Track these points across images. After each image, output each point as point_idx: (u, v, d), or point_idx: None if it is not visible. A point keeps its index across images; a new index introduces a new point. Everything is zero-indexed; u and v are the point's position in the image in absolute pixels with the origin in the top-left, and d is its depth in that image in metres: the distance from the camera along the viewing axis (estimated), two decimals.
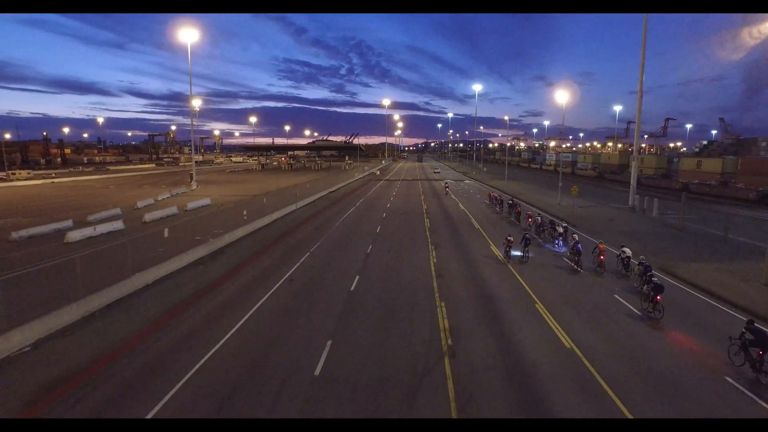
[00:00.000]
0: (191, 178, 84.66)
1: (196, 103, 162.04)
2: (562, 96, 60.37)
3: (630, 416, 10.65)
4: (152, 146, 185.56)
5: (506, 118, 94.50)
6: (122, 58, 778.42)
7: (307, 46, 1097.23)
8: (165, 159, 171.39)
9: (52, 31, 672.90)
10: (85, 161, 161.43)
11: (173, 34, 65.23)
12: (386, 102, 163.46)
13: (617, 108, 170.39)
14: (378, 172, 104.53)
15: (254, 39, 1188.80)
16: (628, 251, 22.49)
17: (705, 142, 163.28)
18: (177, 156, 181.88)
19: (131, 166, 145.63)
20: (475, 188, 72.07)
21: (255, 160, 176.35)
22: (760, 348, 12.37)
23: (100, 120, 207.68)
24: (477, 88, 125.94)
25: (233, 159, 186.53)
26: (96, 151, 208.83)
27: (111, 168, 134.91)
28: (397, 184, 78.43)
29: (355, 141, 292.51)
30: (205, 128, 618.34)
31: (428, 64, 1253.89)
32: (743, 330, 12.93)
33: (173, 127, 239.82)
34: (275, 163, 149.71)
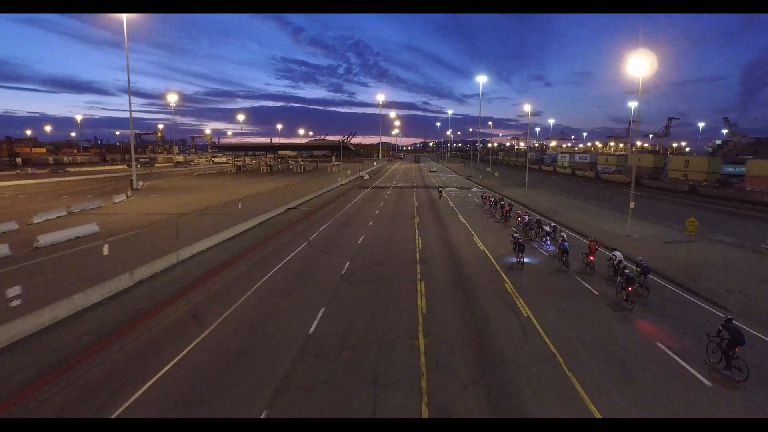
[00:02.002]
0: (131, 185, 66.07)
1: (172, 98, 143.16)
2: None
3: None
4: (124, 146, 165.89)
5: (528, 108, 71.59)
6: (119, 57, 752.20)
7: (305, 46, 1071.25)
8: (140, 159, 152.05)
9: (48, 29, 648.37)
10: (51, 161, 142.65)
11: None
12: (380, 97, 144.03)
13: (632, 104, 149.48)
14: (366, 176, 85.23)
15: (252, 38, 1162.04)
16: (619, 255, 19.73)
17: (718, 142, 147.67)
18: (153, 156, 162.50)
19: (97, 168, 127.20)
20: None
21: (239, 160, 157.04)
22: (736, 346, 11.81)
23: (78, 118, 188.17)
24: (482, 80, 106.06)
25: (215, 160, 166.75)
26: (75, 151, 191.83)
27: (71, 170, 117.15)
28: (386, 193, 59.16)
29: (353, 140, 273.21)
30: (203, 127, 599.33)
31: (426, 64, 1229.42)
32: (720, 328, 12.35)
33: (161, 126, 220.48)
34: (259, 164, 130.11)
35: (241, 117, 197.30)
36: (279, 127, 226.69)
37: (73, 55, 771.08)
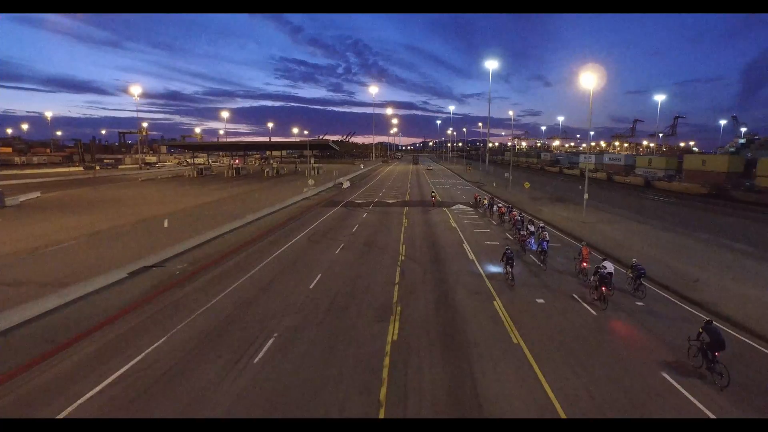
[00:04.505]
0: None
1: (136, 91, 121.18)
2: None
3: None
4: (82, 146, 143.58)
5: (591, 82, 30.85)
6: (118, 56, 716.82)
7: (304, 45, 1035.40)
8: (105, 160, 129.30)
9: (46, 29, 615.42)
10: None
11: None
12: (373, 90, 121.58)
13: (659, 98, 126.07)
14: (346, 184, 62.52)
15: (250, 38, 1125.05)
16: (609, 267, 16.27)
17: (742, 141, 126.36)
18: (120, 157, 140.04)
19: (44, 170, 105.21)
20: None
21: (215, 161, 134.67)
22: (716, 350, 10.77)
23: (49, 114, 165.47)
24: (492, 65, 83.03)
25: (189, 160, 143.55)
26: (49, 150, 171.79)
27: (4, 173, 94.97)
28: (360, 218, 36.41)
29: (352, 140, 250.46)
30: (203, 127, 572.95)
31: (426, 64, 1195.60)
32: (700, 330, 11.26)
33: (145, 124, 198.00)
34: (230, 166, 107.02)
35: (225, 114, 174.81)
36: (270, 125, 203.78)
37: (71, 54, 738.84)
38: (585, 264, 18.94)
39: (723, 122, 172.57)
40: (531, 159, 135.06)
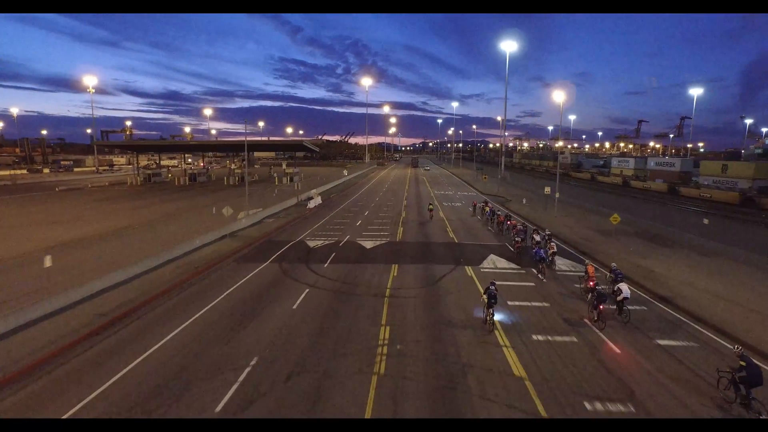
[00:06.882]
0: None
1: (91, 82, 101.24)
2: None
3: None
4: (29, 145, 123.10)
5: None
6: (117, 56, 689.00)
7: (303, 45, 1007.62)
8: (63, 162, 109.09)
9: (45, 28, 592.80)
10: None
11: None
12: (366, 82, 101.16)
13: (694, 92, 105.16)
14: (317, 200, 42.20)
15: (250, 38, 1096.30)
16: (625, 291, 14.41)
17: None
18: (81, 158, 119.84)
19: None
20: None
21: (190, 163, 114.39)
22: (749, 384, 9.37)
23: (15, 111, 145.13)
24: (509, 48, 62.21)
25: (164, 162, 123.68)
26: (18, 150, 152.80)
27: None
28: (282, 315, 16.10)
29: (352, 140, 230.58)
30: (202, 127, 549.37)
31: (425, 64, 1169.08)
32: (741, 363, 9.66)
33: (129, 122, 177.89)
34: (187, 170, 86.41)
35: (208, 112, 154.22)
36: (261, 125, 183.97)
37: (70, 54, 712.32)
38: (591, 283, 16.22)
39: (749, 121, 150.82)
40: (546, 162, 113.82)
